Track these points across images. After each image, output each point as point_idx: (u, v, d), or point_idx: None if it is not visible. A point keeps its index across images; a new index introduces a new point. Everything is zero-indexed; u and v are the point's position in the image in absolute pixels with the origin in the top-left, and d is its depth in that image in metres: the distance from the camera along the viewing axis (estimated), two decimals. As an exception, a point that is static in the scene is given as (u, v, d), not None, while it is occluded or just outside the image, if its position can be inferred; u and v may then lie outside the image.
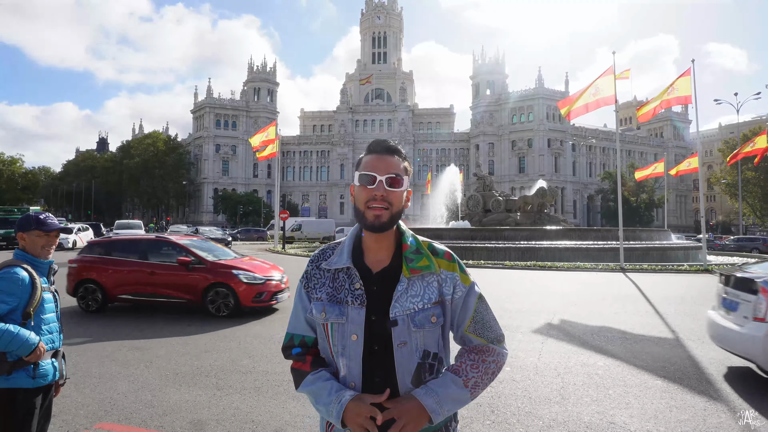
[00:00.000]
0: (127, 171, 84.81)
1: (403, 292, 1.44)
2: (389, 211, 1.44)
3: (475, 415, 4.19)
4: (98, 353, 6.16)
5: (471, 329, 1.50)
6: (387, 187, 1.43)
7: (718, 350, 6.43)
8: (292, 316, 1.58)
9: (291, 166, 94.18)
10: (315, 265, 1.55)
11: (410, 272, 1.45)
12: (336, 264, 1.49)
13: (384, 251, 1.50)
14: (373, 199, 1.43)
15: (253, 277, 8.92)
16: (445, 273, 1.50)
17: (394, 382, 1.42)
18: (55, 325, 2.53)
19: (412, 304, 1.43)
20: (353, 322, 1.43)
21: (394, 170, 1.46)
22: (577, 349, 6.46)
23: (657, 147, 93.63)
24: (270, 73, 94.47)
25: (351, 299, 1.45)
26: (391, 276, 1.46)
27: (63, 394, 4.62)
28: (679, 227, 74.63)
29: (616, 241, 19.95)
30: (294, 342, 1.54)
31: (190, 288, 8.90)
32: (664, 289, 12.59)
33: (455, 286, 1.49)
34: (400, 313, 1.42)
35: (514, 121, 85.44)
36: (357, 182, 1.47)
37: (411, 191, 1.55)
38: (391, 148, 1.51)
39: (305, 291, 1.54)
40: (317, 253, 1.58)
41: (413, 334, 1.43)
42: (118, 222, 35.28)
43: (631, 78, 18.88)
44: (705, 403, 4.46)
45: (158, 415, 4.15)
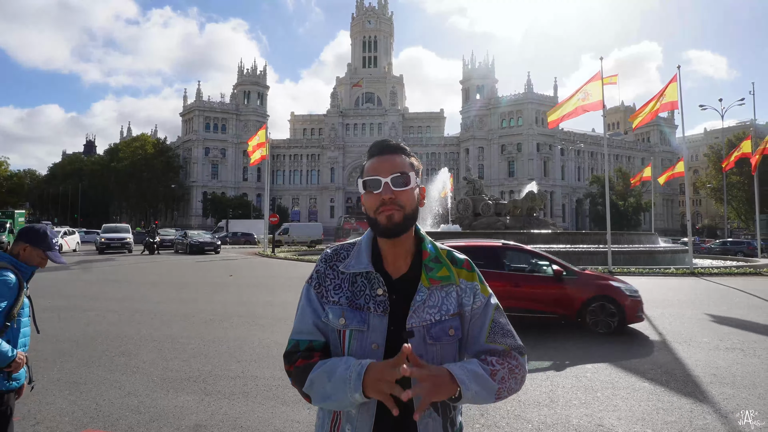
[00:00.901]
0: (114, 174, 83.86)
1: (422, 303, 1.36)
2: (402, 212, 1.35)
3: (464, 419, 4.16)
4: (84, 359, 6.07)
5: (491, 339, 1.39)
6: (394, 188, 1.34)
7: (705, 352, 6.51)
8: (297, 320, 1.43)
9: (281, 169, 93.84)
10: (329, 266, 1.43)
11: (430, 282, 1.38)
12: (355, 267, 1.39)
13: (402, 257, 1.42)
14: (383, 203, 1.34)
15: (632, 290, 7.94)
16: (465, 283, 1.43)
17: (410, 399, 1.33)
18: (28, 329, 2.58)
19: (429, 315, 1.36)
20: (375, 330, 1.34)
21: (399, 169, 1.36)
22: (567, 352, 6.49)
23: (644, 152, 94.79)
24: (260, 77, 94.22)
25: (373, 306, 1.35)
26: (410, 284, 1.38)
27: (47, 401, 4.57)
28: (666, 231, 75.53)
29: (605, 244, 20.13)
30: (299, 347, 1.39)
31: (563, 301, 7.91)
32: (651, 293, 12.69)
33: (475, 295, 1.42)
34: (417, 325, 1.34)
35: (503, 125, 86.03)
36: (363, 189, 1.38)
37: (425, 188, 1.46)
38: (393, 146, 1.42)
39: (316, 292, 1.42)
40: (330, 253, 1.48)
41: (429, 347, 1.35)
42: (105, 226, 34.51)
43: (618, 83, 19.10)
44: (692, 405, 4.50)
45: (145, 422, 4.10)
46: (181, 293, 12.53)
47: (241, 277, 16.89)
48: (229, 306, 10.34)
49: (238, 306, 10.44)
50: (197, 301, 11.14)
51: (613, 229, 20.18)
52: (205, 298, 11.54)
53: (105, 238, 30.89)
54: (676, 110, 18.94)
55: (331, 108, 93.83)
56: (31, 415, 4.23)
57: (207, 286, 14.29)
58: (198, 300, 11.26)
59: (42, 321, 8.41)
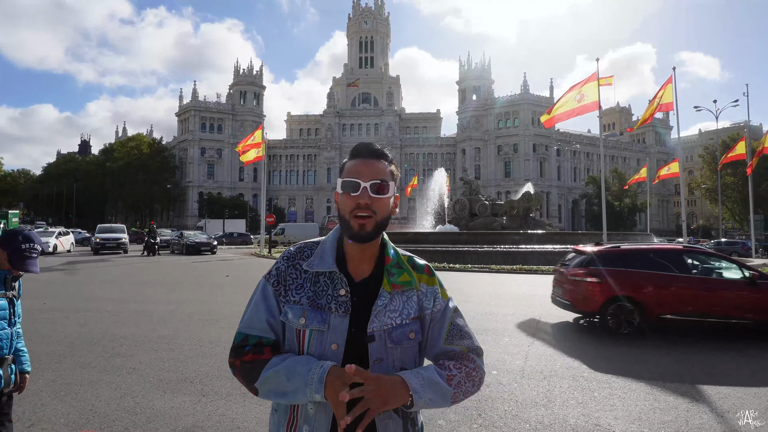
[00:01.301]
0: (110, 174, 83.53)
1: (383, 307, 1.37)
2: (374, 219, 1.35)
3: (461, 419, 4.19)
4: (79, 360, 6.04)
5: (449, 341, 1.43)
6: (372, 193, 1.34)
7: (702, 352, 6.54)
8: (248, 314, 1.41)
9: (277, 170, 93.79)
10: (291, 264, 1.42)
11: (391, 287, 1.39)
12: (319, 267, 1.39)
13: (366, 261, 1.43)
14: (358, 207, 1.34)
15: None
16: (426, 288, 1.45)
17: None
18: (5, 331, 2.51)
19: (390, 319, 1.37)
20: (335, 330, 1.34)
21: (379, 176, 1.37)
22: (562, 353, 6.51)
23: (639, 152, 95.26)
24: (256, 77, 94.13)
25: (335, 306, 1.36)
26: (372, 288, 1.39)
27: (43, 402, 4.53)
28: (661, 231, 75.86)
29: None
30: (248, 342, 1.37)
31: (759, 307, 7.50)
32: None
33: (435, 299, 1.45)
34: (378, 329, 1.35)
35: (500, 126, 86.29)
36: (340, 189, 1.38)
37: (399, 196, 1.47)
38: (377, 151, 1.42)
39: (273, 290, 1.40)
40: (293, 250, 1.46)
41: (390, 350, 1.36)
42: (100, 226, 34.17)
43: (614, 84, 19.21)
44: (688, 404, 4.52)
45: (141, 423, 4.08)
46: (176, 294, 12.49)
47: (237, 277, 16.84)
48: (225, 306, 10.31)
49: (234, 306, 10.41)
50: (193, 301, 11.10)
51: (608, 229, 20.27)
52: (200, 299, 11.50)
53: (100, 239, 30.44)
54: (671, 111, 19.06)
55: (327, 108, 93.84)
56: (26, 416, 4.20)
57: (203, 286, 14.24)
58: (194, 300, 11.22)
59: (37, 322, 8.40)
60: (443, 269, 19.32)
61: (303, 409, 1.35)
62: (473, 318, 8.89)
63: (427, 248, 23.46)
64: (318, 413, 1.33)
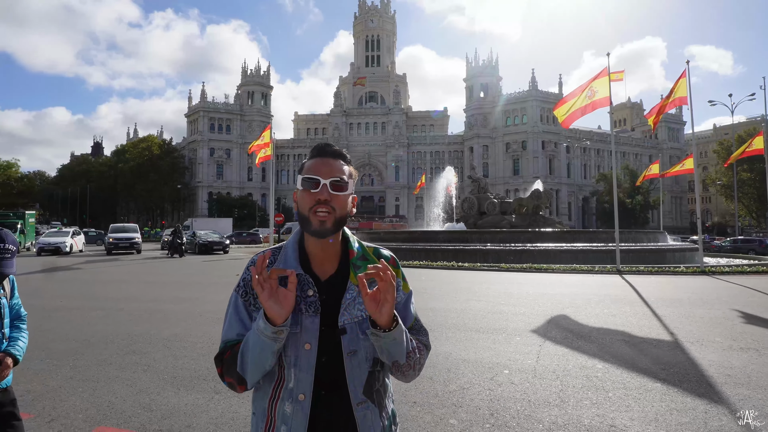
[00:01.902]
0: (121, 175, 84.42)
1: (352, 300, 1.41)
2: (333, 216, 1.39)
3: (474, 418, 4.18)
4: (95, 357, 6.11)
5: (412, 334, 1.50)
6: (331, 191, 1.39)
7: (719, 352, 6.46)
8: (225, 327, 1.47)
9: (285, 169, 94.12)
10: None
11: (357, 279, 1.43)
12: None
13: (330, 258, 1.46)
14: (318, 203, 1.38)
15: None
16: None
17: (344, 393, 1.38)
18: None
19: (359, 311, 1.40)
20: (307, 330, 1.37)
21: (338, 174, 1.42)
22: (575, 352, 6.46)
23: (652, 148, 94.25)
24: (264, 77, 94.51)
25: (304, 307, 1.39)
26: (339, 284, 1.43)
27: (62, 398, 4.60)
28: (674, 229, 75.03)
29: (612, 243, 20.03)
30: (227, 347, 1.44)
31: None
32: (661, 291, 12.64)
33: (397, 290, 1.47)
34: (349, 321, 1.39)
35: (508, 123, 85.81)
36: (300, 186, 1.43)
37: (356, 197, 1.52)
38: (336, 152, 1.47)
39: (243, 300, 1.45)
40: (256, 259, 1.48)
41: (362, 342, 1.39)
42: (112, 226, 34.31)
43: (624, 79, 19.01)
44: (706, 406, 4.46)
45: (157, 419, 4.12)
46: (189, 292, 12.58)
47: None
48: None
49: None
50: (204, 300, 11.18)
51: (620, 227, 20.06)
52: (211, 297, 11.58)
53: (113, 239, 30.31)
54: (684, 106, 18.81)
55: (334, 108, 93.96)
56: (45, 412, 4.27)
57: (214, 285, 14.35)
58: (204, 299, 11.30)
59: (54, 320, 8.54)
60: (452, 268, 19.29)
61: (280, 409, 1.38)
62: (483, 317, 8.86)
63: (435, 247, 23.44)
64: (295, 412, 1.36)
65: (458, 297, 11.35)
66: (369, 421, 1.40)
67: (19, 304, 2.71)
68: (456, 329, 7.75)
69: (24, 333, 2.64)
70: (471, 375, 5.38)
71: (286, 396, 1.38)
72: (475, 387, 4.98)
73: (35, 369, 5.55)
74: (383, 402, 1.46)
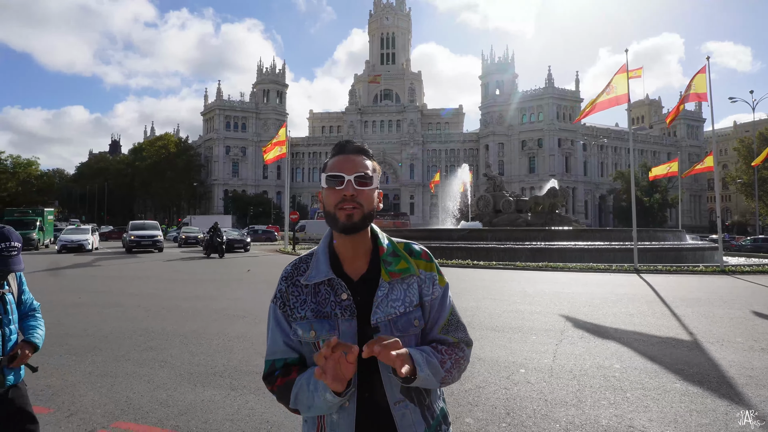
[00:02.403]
0: (138, 173, 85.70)
1: (384, 297, 1.39)
2: (361, 211, 1.38)
3: (490, 417, 4.15)
4: (113, 353, 6.20)
5: (445, 330, 1.46)
6: (356, 186, 1.38)
7: (740, 353, 6.32)
8: (269, 341, 1.46)
9: (300, 167, 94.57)
10: (290, 283, 1.45)
11: (390, 276, 1.42)
12: (315, 278, 1.41)
13: (361, 257, 1.45)
14: (343, 200, 1.37)
15: None
16: (425, 274, 1.47)
17: (382, 393, 1.37)
18: None
19: (393, 308, 1.39)
20: (345, 334, 1.37)
21: (362, 169, 1.40)
22: (592, 351, 6.38)
23: (670, 146, 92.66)
24: (279, 75, 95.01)
25: (340, 311, 1.38)
26: (372, 282, 1.42)
27: (81, 393, 4.67)
28: (693, 227, 73.74)
29: (630, 241, 19.74)
30: (276, 366, 1.43)
31: None
32: (679, 291, 12.42)
33: (434, 285, 1.46)
34: (382, 319, 1.37)
35: (524, 120, 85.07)
36: (325, 185, 1.41)
37: (382, 192, 1.51)
38: (358, 147, 1.46)
39: (282, 312, 1.44)
40: (289, 269, 1.49)
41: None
42: (132, 223, 34.22)
43: (643, 76, 18.69)
44: (727, 407, 4.37)
45: (174, 415, 4.16)
46: (204, 289, 12.71)
47: (262, 273, 17.07)
48: (252, 302, 10.46)
49: (260, 303, 10.55)
50: (221, 297, 11.29)
51: (638, 225, 19.75)
52: (228, 295, 11.69)
53: (135, 236, 29.13)
54: (704, 103, 18.43)
55: (349, 105, 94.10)
56: (65, 407, 4.34)
57: (231, 282, 14.49)
58: (221, 296, 11.41)
59: (73, 316, 8.67)
60: (467, 266, 19.19)
61: (328, 417, 1.38)
62: (499, 316, 8.80)
63: (451, 245, 23.34)
64: (341, 419, 1.37)
65: (473, 295, 11.29)
66: (408, 420, 1.37)
67: (31, 298, 2.74)
68: (471, 328, 7.67)
69: (40, 321, 2.70)
70: (487, 374, 5.34)
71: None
72: (491, 386, 4.95)
73: (55, 364, 5.66)
74: (425, 401, 1.42)
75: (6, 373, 2.41)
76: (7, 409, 2.43)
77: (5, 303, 2.48)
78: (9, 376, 2.43)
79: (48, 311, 2.75)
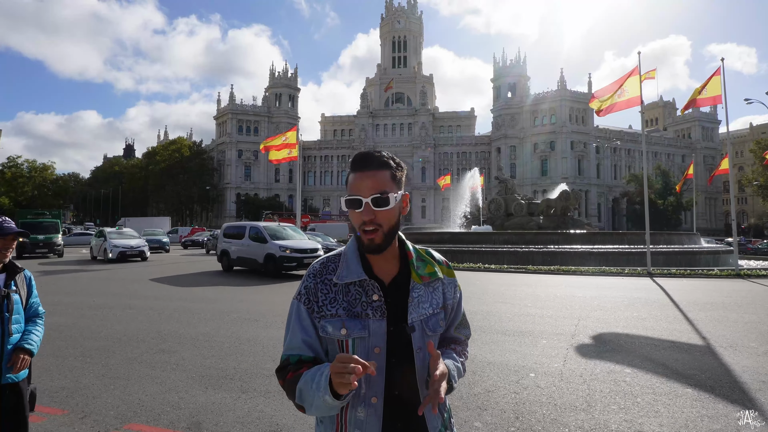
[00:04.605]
0: (152, 176, 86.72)
1: (418, 298, 1.47)
2: (381, 232, 1.40)
3: (498, 421, 4.14)
4: (126, 355, 6.29)
5: (458, 330, 1.63)
6: (374, 207, 1.38)
7: (753, 358, 6.23)
8: (288, 337, 1.47)
9: (312, 170, 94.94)
10: (320, 280, 1.46)
11: (420, 279, 1.49)
12: (347, 277, 1.44)
13: (390, 262, 1.50)
14: (364, 223, 1.40)
15: None
16: (447, 279, 1.57)
17: (414, 391, 1.40)
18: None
19: (424, 309, 1.47)
20: (375, 334, 1.40)
21: (379, 188, 1.39)
22: (603, 356, 6.33)
23: (685, 148, 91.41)
24: (291, 79, 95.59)
25: (371, 312, 1.41)
26: (403, 284, 1.47)
27: (94, 395, 4.75)
28: (708, 230, 72.61)
29: (643, 245, 19.51)
30: (290, 361, 1.44)
31: None
32: (693, 295, 12.26)
33: (455, 290, 1.59)
34: (416, 319, 1.44)
35: (536, 123, 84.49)
36: (345, 207, 1.44)
37: (408, 195, 1.50)
38: (375, 161, 1.43)
39: (306, 309, 1.45)
40: (317, 267, 1.50)
41: (427, 338, 1.46)
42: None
43: (655, 78, 18.51)
44: (739, 413, 4.32)
45: (185, 417, 4.22)
46: (216, 292, 12.82)
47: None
48: (262, 305, 10.53)
49: (271, 306, 10.62)
50: (232, 300, 11.38)
51: (651, 228, 19.52)
52: (239, 297, 11.78)
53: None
54: (719, 105, 18.19)
55: (361, 109, 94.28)
56: (78, 408, 4.42)
57: (242, 285, 14.59)
58: (232, 299, 11.51)
59: (87, 318, 8.80)
60: (478, 270, 19.12)
61: (352, 415, 1.39)
62: (509, 319, 8.76)
63: (462, 248, 23.28)
64: (368, 416, 1.37)
65: (484, 299, 11.26)
66: (431, 417, 1.44)
67: (38, 302, 2.78)
68: (482, 331, 7.68)
69: (39, 327, 2.72)
70: (496, 378, 5.33)
71: (357, 402, 1.38)
72: (501, 390, 4.94)
73: (69, 366, 5.76)
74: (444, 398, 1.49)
75: (4, 371, 2.47)
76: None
77: (10, 302, 2.54)
78: (7, 374, 2.48)
79: (63, 314, 2.81)
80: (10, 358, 2.48)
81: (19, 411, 2.54)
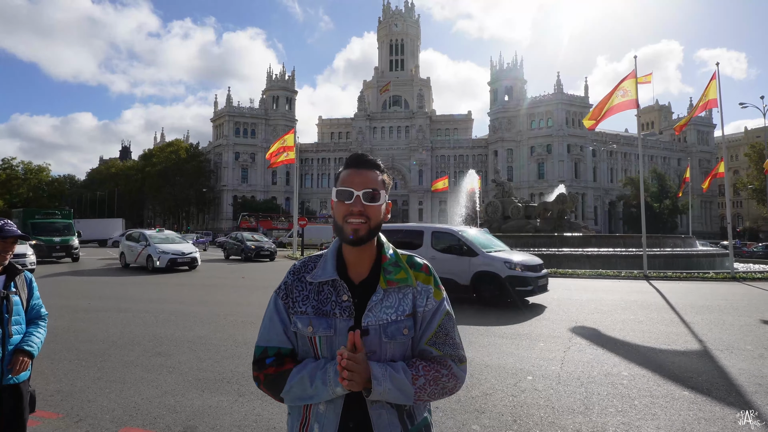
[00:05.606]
0: (149, 178, 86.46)
1: (378, 302, 1.46)
2: (367, 225, 1.45)
3: (496, 424, 4.14)
4: (122, 358, 6.26)
5: (431, 342, 1.48)
6: (364, 201, 1.45)
7: (749, 361, 6.25)
8: (264, 328, 1.52)
9: (309, 173, 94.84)
10: (296, 278, 1.52)
11: (387, 284, 1.48)
12: (321, 277, 1.48)
13: (365, 264, 1.52)
14: (351, 213, 1.44)
15: None
16: (422, 286, 1.52)
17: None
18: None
19: (385, 315, 1.45)
20: (341, 334, 1.43)
21: (371, 185, 1.47)
22: (600, 359, 6.34)
23: (680, 152, 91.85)
24: (288, 82, 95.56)
25: (339, 311, 1.45)
26: (370, 287, 1.48)
27: (89, 399, 4.72)
28: (704, 234, 72.89)
29: (639, 248, 19.58)
30: (268, 354, 1.48)
31: None
32: (689, 298, 12.30)
33: (428, 297, 1.51)
34: (373, 323, 1.44)
35: (533, 126, 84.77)
36: (335, 198, 1.48)
37: (390, 203, 1.57)
38: (369, 162, 1.52)
39: (283, 303, 1.51)
40: (298, 265, 1.56)
41: (384, 344, 1.44)
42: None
43: (652, 82, 18.60)
44: (735, 416, 4.33)
45: (182, 421, 4.19)
46: (212, 295, 12.78)
47: (275, 280, 17.13)
48: (260, 308, 10.50)
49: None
50: (228, 303, 11.35)
51: (648, 232, 19.59)
52: (236, 300, 11.75)
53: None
54: (714, 109, 18.30)
55: (358, 111, 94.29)
56: (73, 412, 4.39)
57: (241, 288, 14.57)
58: (228, 302, 11.47)
59: (83, 321, 8.74)
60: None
61: (314, 408, 1.45)
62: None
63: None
64: (327, 411, 1.43)
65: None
66: (384, 420, 1.42)
67: (40, 304, 2.77)
68: (479, 334, 7.68)
69: (41, 329, 2.71)
70: (494, 381, 5.33)
71: None
72: (498, 393, 4.93)
73: (65, 369, 5.72)
74: (405, 406, 1.46)
75: (5, 373, 2.47)
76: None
77: (10, 304, 2.53)
78: (8, 375, 2.48)
79: (59, 317, 2.79)
80: (10, 360, 2.47)
81: (18, 413, 2.52)
